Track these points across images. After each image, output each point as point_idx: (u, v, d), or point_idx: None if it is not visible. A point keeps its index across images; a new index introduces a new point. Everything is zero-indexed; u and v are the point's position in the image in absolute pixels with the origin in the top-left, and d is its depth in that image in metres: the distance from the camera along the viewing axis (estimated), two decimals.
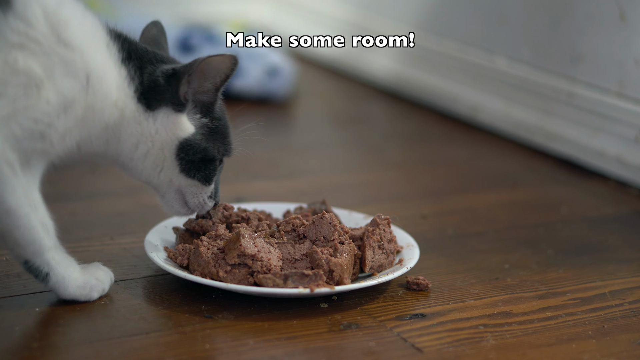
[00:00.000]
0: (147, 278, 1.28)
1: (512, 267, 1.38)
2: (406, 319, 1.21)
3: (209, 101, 1.22)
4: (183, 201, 1.26)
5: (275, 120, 2.15)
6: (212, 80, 1.20)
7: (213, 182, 1.26)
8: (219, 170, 1.27)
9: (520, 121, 1.98)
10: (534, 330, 1.20)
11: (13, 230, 1.13)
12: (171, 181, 1.23)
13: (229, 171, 1.72)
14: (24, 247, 1.15)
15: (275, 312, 1.20)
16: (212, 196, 1.27)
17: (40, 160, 1.14)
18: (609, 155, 1.78)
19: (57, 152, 1.14)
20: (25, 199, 1.13)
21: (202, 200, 1.26)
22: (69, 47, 1.12)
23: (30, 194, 1.13)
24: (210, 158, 1.23)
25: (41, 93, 1.10)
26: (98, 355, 1.09)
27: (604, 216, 1.63)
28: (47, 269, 1.16)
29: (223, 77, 1.21)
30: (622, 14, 1.76)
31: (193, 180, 1.23)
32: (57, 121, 1.12)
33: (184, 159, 1.21)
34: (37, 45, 1.10)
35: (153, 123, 1.19)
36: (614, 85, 1.78)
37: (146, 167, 1.21)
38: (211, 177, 1.24)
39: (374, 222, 1.29)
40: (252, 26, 2.71)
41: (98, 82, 1.14)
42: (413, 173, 1.83)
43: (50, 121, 1.11)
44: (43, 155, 1.13)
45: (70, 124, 1.13)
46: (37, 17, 1.10)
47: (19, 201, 1.12)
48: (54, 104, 1.11)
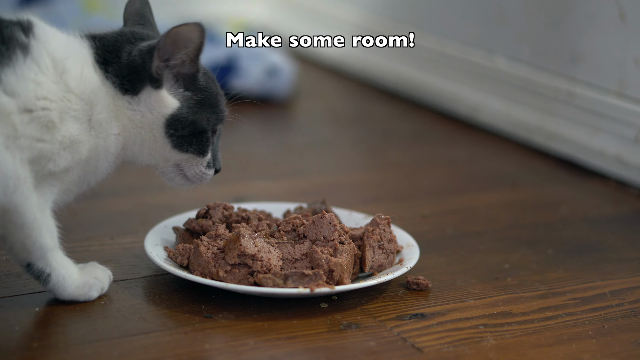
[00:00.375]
0: (147, 278, 1.28)
1: (512, 267, 1.38)
2: (406, 318, 1.21)
3: (189, 73, 1.20)
4: (182, 174, 1.25)
5: (275, 120, 2.15)
6: (185, 51, 1.18)
7: (208, 153, 1.24)
8: (217, 138, 1.25)
9: (520, 121, 1.98)
10: (534, 330, 1.20)
11: (24, 240, 1.14)
12: (167, 158, 1.22)
13: (229, 171, 1.72)
14: (30, 253, 1.15)
15: (275, 312, 1.20)
16: (210, 165, 1.25)
17: (50, 182, 1.16)
18: (609, 155, 1.78)
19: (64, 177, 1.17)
20: (39, 213, 1.14)
21: (200, 171, 1.24)
22: (74, 94, 1.14)
23: (44, 206, 1.15)
24: (200, 130, 1.21)
25: (53, 133, 1.13)
26: (98, 355, 1.09)
27: (604, 216, 1.63)
28: (48, 270, 1.17)
29: (195, 47, 1.18)
30: (622, 14, 1.76)
31: (187, 154, 1.22)
32: (61, 159, 1.14)
33: (174, 135, 1.20)
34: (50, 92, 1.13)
35: (138, 107, 1.19)
36: (614, 85, 1.78)
37: (143, 153, 1.22)
38: (205, 148, 1.23)
39: (374, 222, 1.29)
40: (252, 26, 2.71)
41: (98, 123, 1.17)
42: (413, 173, 1.83)
43: (56, 158, 1.14)
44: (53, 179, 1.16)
45: (75, 162, 1.16)
46: (47, 65, 1.13)
47: (34, 215, 1.13)
48: (64, 144, 1.14)
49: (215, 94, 1.24)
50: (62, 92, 1.14)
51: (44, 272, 1.17)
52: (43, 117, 1.11)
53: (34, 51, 1.13)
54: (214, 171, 1.26)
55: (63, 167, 1.15)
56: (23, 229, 1.13)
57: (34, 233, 1.14)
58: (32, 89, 1.11)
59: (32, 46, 1.13)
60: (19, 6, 2.39)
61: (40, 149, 1.12)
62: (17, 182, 1.11)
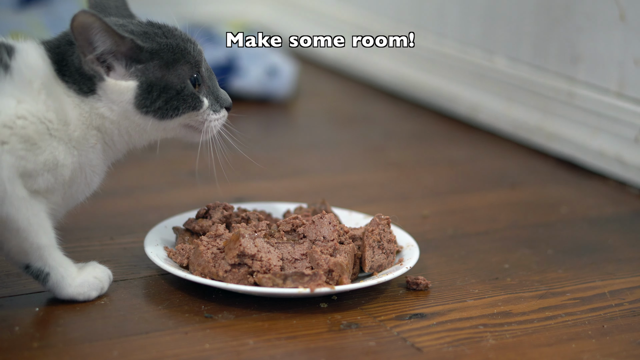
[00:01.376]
0: (147, 278, 1.28)
1: (512, 267, 1.38)
2: (406, 318, 1.21)
3: (123, 49, 1.16)
4: (197, 131, 1.21)
5: (275, 120, 2.15)
6: (97, 37, 1.14)
7: (204, 100, 1.20)
8: (208, 79, 1.21)
9: (520, 121, 1.98)
10: (534, 330, 1.20)
11: (21, 243, 1.14)
12: (164, 129, 1.20)
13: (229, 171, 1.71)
14: (28, 254, 1.15)
15: (275, 312, 1.20)
16: (216, 108, 1.21)
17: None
18: (608, 155, 1.78)
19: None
20: (33, 217, 1.13)
21: (209, 120, 1.20)
22: (52, 114, 1.14)
23: (37, 209, 1.14)
24: (176, 90, 1.17)
25: (37, 154, 1.13)
26: (98, 355, 1.09)
27: (604, 216, 1.63)
28: (47, 269, 1.17)
29: (100, 28, 1.13)
30: (622, 14, 1.76)
31: (181, 116, 1.19)
32: (43, 180, 1.14)
33: (151, 110, 1.17)
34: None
35: (103, 104, 1.16)
36: (614, 85, 1.78)
37: (136, 138, 1.21)
38: (195, 101, 1.19)
39: (374, 222, 1.29)
40: (252, 26, 2.71)
41: (77, 141, 1.17)
42: (413, 173, 1.83)
43: (39, 179, 1.13)
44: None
45: (58, 184, 1.16)
46: (25, 86, 1.12)
47: (28, 220, 1.13)
48: (47, 166, 1.14)
49: (175, 46, 1.18)
50: (42, 113, 1.13)
51: (42, 271, 1.17)
52: (23, 135, 1.11)
53: (14, 72, 1.12)
54: (225, 110, 1.22)
55: (44, 188, 1.14)
56: (19, 233, 1.13)
57: (30, 236, 1.14)
58: (13, 106, 1.11)
59: (14, 67, 1.12)
60: (19, 6, 2.39)
61: (23, 167, 1.11)
62: (5, 194, 1.10)
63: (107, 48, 1.15)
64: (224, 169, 1.27)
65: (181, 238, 1.31)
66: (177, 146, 1.84)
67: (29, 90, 1.13)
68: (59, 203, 1.18)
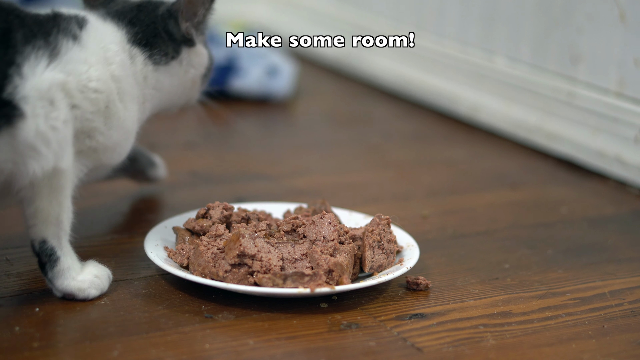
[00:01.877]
0: (147, 278, 1.28)
1: (512, 267, 1.38)
2: (406, 319, 1.21)
3: (203, 21, 1.34)
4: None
5: (275, 120, 2.15)
6: (202, 6, 1.32)
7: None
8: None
9: (520, 121, 1.98)
10: (534, 330, 1.20)
11: (51, 207, 1.15)
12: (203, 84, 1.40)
13: (229, 171, 1.72)
14: (49, 225, 1.16)
15: (275, 312, 1.20)
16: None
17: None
18: (608, 155, 1.78)
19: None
20: (69, 189, 1.17)
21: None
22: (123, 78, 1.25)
23: (73, 181, 1.19)
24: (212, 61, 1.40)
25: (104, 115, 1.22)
26: (98, 355, 1.09)
27: (604, 216, 1.63)
28: (60, 253, 1.17)
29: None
30: (622, 14, 1.76)
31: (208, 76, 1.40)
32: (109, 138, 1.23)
33: (208, 76, 1.39)
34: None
35: (179, 69, 1.33)
36: (614, 85, 1.78)
37: (181, 100, 1.38)
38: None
39: (374, 222, 1.29)
40: (252, 26, 2.71)
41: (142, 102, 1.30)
42: (413, 173, 1.83)
43: (100, 135, 1.22)
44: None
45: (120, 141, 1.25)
46: (98, 54, 1.22)
47: (69, 186, 1.17)
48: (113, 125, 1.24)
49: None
50: (110, 77, 1.22)
51: (55, 253, 1.17)
52: (92, 99, 1.19)
53: (85, 41, 1.20)
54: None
55: (94, 149, 1.21)
56: (59, 192, 1.15)
57: (63, 204, 1.16)
58: (84, 71, 1.18)
59: (83, 37, 1.20)
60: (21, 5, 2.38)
61: (88, 126, 1.19)
62: (64, 150, 1.14)
63: (200, 19, 1.33)
64: (223, 169, 1.27)
65: (181, 238, 1.31)
66: (177, 146, 1.84)
67: (99, 57, 1.21)
68: (89, 169, 1.24)
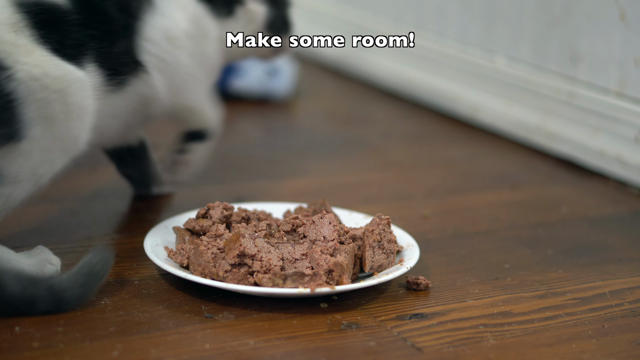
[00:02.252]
0: (147, 278, 1.28)
1: (512, 267, 1.38)
2: (406, 318, 1.21)
3: None
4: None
5: (275, 120, 2.15)
6: None
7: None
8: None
9: (520, 121, 1.98)
10: (534, 330, 1.20)
11: (199, 123, 1.49)
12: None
13: (229, 171, 1.72)
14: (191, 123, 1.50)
15: (275, 312, 1.20)
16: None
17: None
18: (609, 155, 1.78)
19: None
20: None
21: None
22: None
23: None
24: None
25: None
26: (98, 355, 1.09)
27: (604, 216, 1.63)
28: None
29: None
30: (622, 14, 1.76)
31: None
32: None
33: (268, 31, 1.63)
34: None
35: (237, 25, 1.57)
36: (614, 85, 1.78)
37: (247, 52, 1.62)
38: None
39: (374, 222, 1.29)
40: None
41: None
42: (413, 173, 1.83)
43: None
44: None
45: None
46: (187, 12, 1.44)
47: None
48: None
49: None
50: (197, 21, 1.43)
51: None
52: (192, 35, 1.41)
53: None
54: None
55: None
56: (202, 116, 1.49)
57: (206, 115, 1.49)
58: (182, 18, 1.39)
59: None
60: None
61: (187, 74, 1.42)
62: (198, 86, 1.44)
63: None
64: (224, 169, 1.27)
65: (181, 238, 1.31)
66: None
67: (184, 8, 1.41)
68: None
